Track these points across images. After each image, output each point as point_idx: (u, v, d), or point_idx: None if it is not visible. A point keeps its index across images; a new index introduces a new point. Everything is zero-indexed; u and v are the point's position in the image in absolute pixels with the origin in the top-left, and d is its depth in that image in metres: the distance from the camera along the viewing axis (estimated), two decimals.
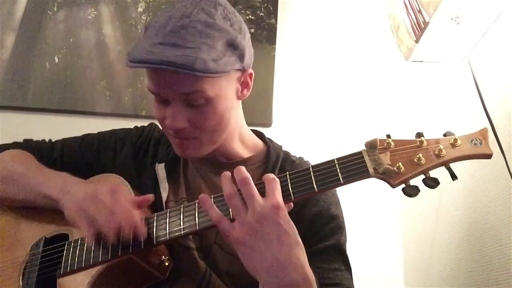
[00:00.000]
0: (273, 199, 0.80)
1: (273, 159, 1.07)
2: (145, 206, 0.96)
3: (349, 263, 1.02)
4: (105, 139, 1.16)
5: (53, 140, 1.21)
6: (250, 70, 1.02)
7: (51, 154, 1.16)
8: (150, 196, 0.97)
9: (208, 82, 0.92)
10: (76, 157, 1.15)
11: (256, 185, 0.82)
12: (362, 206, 1.69)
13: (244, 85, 1.02)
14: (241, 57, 0.97)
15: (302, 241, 0.83)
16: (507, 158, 1.05)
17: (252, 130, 1.14)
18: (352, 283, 1.00)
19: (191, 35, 0.89)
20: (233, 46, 0.94)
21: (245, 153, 1.08)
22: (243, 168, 0.83)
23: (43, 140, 1.21)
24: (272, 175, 0.83)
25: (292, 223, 0.82)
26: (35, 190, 1.02)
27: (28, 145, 1.19)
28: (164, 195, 1.03)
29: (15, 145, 1.19)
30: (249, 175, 0.82)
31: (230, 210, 0.83)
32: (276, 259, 0.79)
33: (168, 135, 1.02)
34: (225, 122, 0.98)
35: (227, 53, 0.93)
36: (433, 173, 0.82)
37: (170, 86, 0.92)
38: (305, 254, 0.83)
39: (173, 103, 0.94)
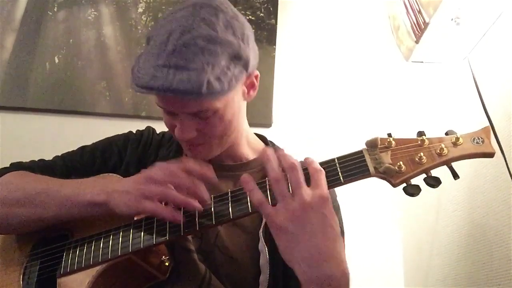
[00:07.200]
0: (322, 190, 0.78)
1: None
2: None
3: None
4: (106, 149, 1.12)
5: (44, 153, 1.15)
6: (256, 72, 1.01)
7: (53, 170, 1.09)
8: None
9: (215, 99, 0.92)
10: (83, 170, 1.09)
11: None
12: (362, 206, 1.69)
13: (250, 86, 1.01)
14: (245, 66, 0.95)
15: None
16: (507, 158, 1.05)
17: (254, 133, 1.14)
18: None
19: (194, 53, 0.87)
20: (236, 58, 0.93)
21: (250, 155, 1.09)
22: (290, 155, 0.81)
23: (32, 161, 1.14)
24: (317, 164, 0.81)
25: (336, 216, 0.80)
26: (69, 202, 0.94)
27: (22, 167, 1.10)
28: None
29: (6, 170, 1.08)
30: (297, 162, 0.81)
31: (275, 194, 0.79)
32: (319, 251, 0.77)
33: (179, 140, 1.02)
34: (233, 126, 0.99)
35: (231, 66, 0.91)
36: (434, 172, 0.82)
37: (176, 106, 0.93)
38: (345, 249, 0.81)
39: (181, 116, 0.94)
